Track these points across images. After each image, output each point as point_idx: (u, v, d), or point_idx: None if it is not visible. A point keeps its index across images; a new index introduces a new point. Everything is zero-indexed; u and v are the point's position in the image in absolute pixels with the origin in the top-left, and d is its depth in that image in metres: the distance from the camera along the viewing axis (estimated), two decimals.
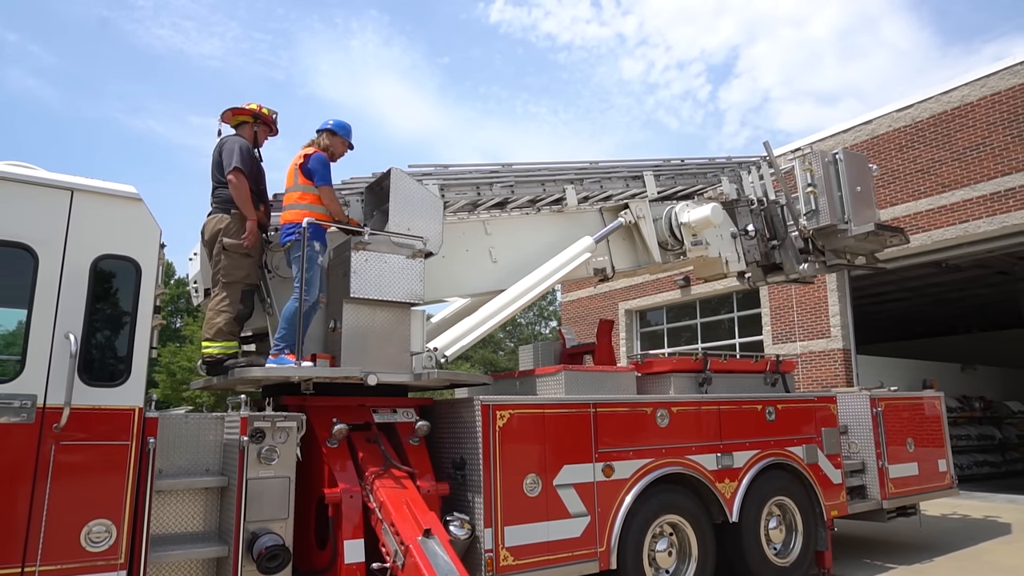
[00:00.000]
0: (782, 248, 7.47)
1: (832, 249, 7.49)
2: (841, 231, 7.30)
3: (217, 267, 4.79)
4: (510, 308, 5.90)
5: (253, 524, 4.09)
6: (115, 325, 3.73)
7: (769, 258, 7.54)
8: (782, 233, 7.48)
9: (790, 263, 7.44)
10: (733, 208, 7.46)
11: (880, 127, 13.44)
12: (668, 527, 5.76)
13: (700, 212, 6.68)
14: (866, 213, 7.38)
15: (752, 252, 7.39)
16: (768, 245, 7.53)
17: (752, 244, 7.39)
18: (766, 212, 7.62)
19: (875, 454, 7.59)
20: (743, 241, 7.34)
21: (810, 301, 14.43)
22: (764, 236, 7.53)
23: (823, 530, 6.78)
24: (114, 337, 3.71)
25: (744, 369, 6.97)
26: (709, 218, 6.61)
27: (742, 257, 7.33)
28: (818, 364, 14.14)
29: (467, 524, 4.64)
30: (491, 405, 4.87)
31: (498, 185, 6.26)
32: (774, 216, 7.59)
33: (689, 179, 7.30)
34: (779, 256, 7.49)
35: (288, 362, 4.55)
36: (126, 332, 3.72)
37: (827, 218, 7.24)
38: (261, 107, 5.15)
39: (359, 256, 4.91)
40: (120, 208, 3.80)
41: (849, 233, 7.26)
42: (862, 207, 7.35)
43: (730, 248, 7.26)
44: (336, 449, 4.62)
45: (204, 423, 4.30)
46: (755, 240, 7.39)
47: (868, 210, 7.46)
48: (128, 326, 3.73)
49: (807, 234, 7.41)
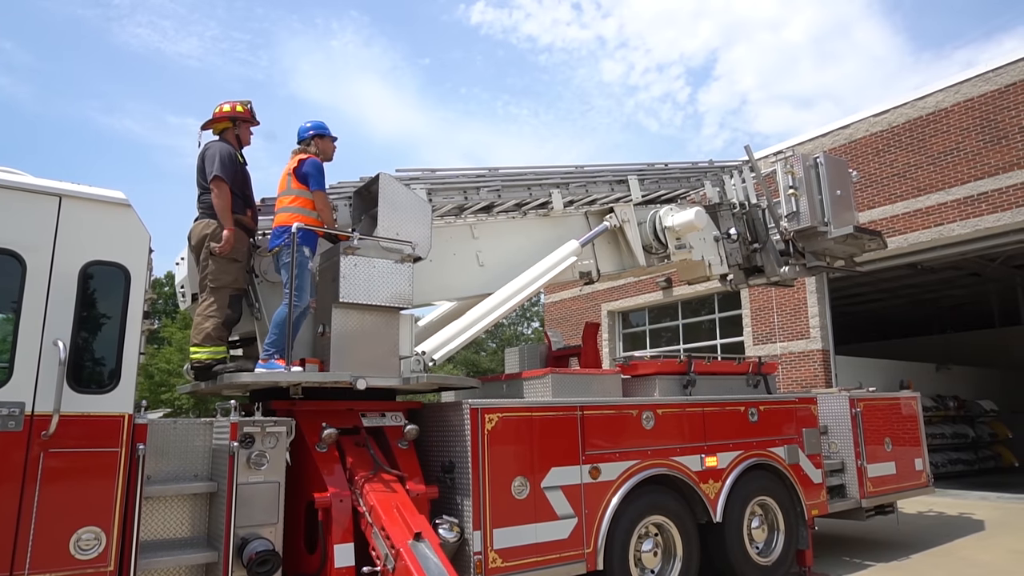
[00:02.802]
0: (763, 251, 7.60)
1: (812, 251, 7.62)
2: (821, 233, 7.43)
3: (205, 272, 4.78)
4: (497, 312, 5.94)
5: (243, 529, 4.10)
6: (104, 332, 3.71)
7: (751, 261, 7.66)
8: (763, 236, 7.61)
9: (771, 266, 7.56)
10: (716, 212, 7.57)
11: (858, 131, 13.69)
12: (653, 528, 5.84)
13: (684, 216, 6.77)
14: (845, 216, 7.53)
15: (734, 255, 7.51)
16: (750, 248, 7.66)
17: (734, 247, 7.51)
18: (748, 216, 7.74)
19: (854, 454, 7.74)
20: (725, 244, 7.45)
21: (790, 303, 14.65)
22: (746, 239, 7.66)
23: (804, 529, 6.90)
24: (103, 344, 3.69)
25: (727, 371, 7.08)
26: (693, 222, 6.71)
27: (724, 260, 7.45)
28: (798, 365, 14.36)
29: (456, 527, 4.67)
30: (479, 408, 4.91)
31: (485, 189, 6.30)
32: (756, 219, 7.71)
33: (672, 183, 7.40)
34: (760, 259, 7.62)
35: (278, 367, 4.56)
36: (115, 339, 3.70)
37: (807, 220, 7.37)
38: (235, 106, 5.12)
39: (348, 261, 4.91)
40: (109, 214, 3.79)
41: (829, 235, 7.40)
42: (842, 210, 7.50)
43: (713, 251, 7.36)
44: (325, 453, 4.63)
45: (193, 429, 4.30)
46: (737, 243, 7.51)
47: (847, 213, 7.61)
48: (117, 333, 3.72)
49: (788, 236, 7.54)
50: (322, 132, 5.21)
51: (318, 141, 5.18)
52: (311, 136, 5.18)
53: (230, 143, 5.04)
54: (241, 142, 5.16)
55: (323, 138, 5.21)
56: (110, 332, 3.70)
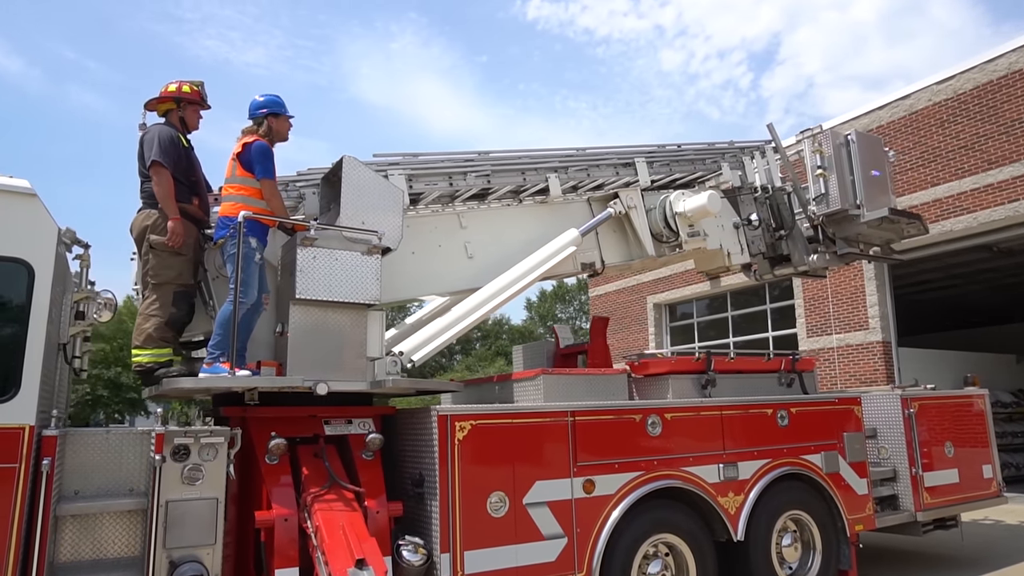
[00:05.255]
0: (790, 238, 6.84)
1: (843, 237, 6.81)
2: (853, 217, 6.63)
3: (146, 267, 4.42)
4: (485, 307, 5.41)
5: (176, 551, 3.72)
6: (1, 334, 3.36)
7: (776, 249, 6.92)
8: (789, 222, 6.86)
9: (799, 254, 6.80)
10: (736, 196, 6.85)
11: (919, 102, 12.44)
12: (664, 547, 5.20)
13: (696, 201, 6.07)
14: (880, 199, 6.70)
15: (757, 243, 6.77)
16: (775, 235, 6.91)
17: (756, 234, 6.77)
18: (772, 200, 6.99)
19: (908, 460, 6.84)
20: (747, 231, 6.73)
21: (846, 291, 13.52)
22: (770, 226, 6.92)
23: (846, 547, 6.10)
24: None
25: (753, 369, 6.32)
26: (706, 207, 6.00)
27: (746, 249, 6.73)
28: (856, 358, 13.23)
29: (422, 549, 4.18)
30: (449, 415, 4.39)
31: (473, 175, 5.76)
32: (780, 204, 6.96)
33: (686, 166, 6.69)
34: (787, 247, 6.86)
35: (223, 371, 4.15)
36: (14, 342, 3.35)
37: (837, 202, 6.59)
38: (182, 86, 4.72)
39: (306, 253, 4.47)
40: (10, 204, 3.44)
41: (861, 219, 6.58)
42: (876, 192, 6.66)
43: (732, 239, 6.65)
44: (276, 466, 4.20)
45: (128, 439, 3.93)
46: (759, 230, 6.77)
47: (883, 195, 6.77)
48: (17, 335, 3.36)
49: (816, 221, 6.76)
50: (277, 110, 4.73)
51: (271, 120, 4.70)
52: (264, 115, 4.71)
53: (174, 126, 4.66)
54: (188, 125, 4.77)
55: (277, 117, 4.73)
56: (8, 335, 3.35)
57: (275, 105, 4.72)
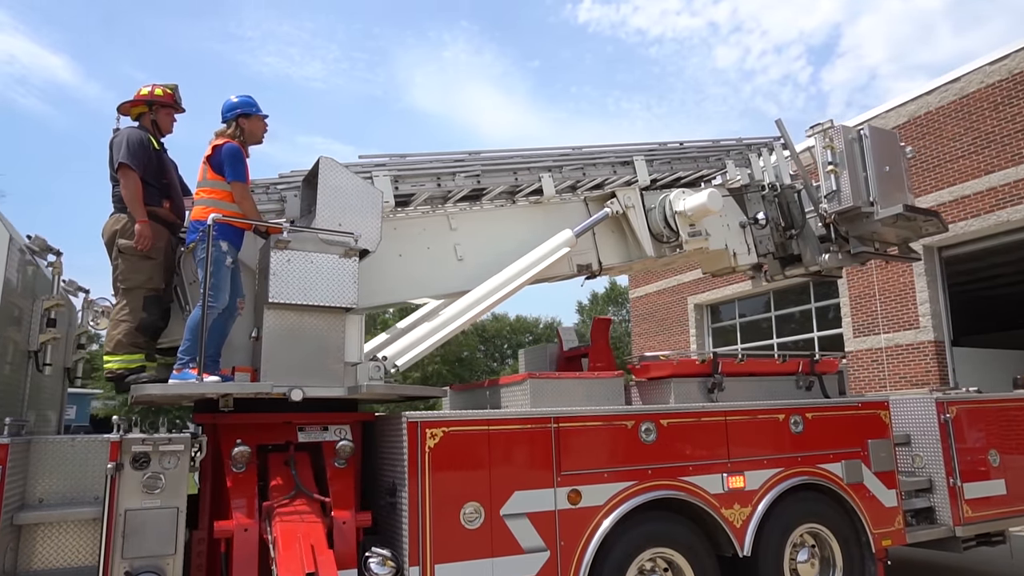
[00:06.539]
0: (800, 237, 6.46)
1: (857, 236, 6.40)
2: (866, 215, 6.22)
3: (116, 272, 4.41)
4: (474, 310, 5.24)
5: (138, 560, 3.67)
6: None
7: (786, 249, 6.54)
8: (799, 221, 6.48)
9: (810, 254, 6.41)
10: (742, 195, 6.49)
11: (970, 84, 11.63)
12: (663, 562, 4.90)
13: (696, 199, 5.75)
14: (896, 195, 6.27)
15: (765, 243, 6.40)
16: (785, 235, 6.52)
17: (764, 234, 6.41)
18: (781, 198, 6.61)
19: (945, 470, 6.31)
20: (754, 231, 6.37)
21: (894, 288, 12.75)
22: (779, 225, 6.53)
23: (872, 564, 5.65)
24: None
25: (766, 371, 5.94)
26: (706, 205, 5.67)
27: (753, 249, 6.37)
28: (906, 359, 12.45)
29: (390, 561, 4.02)
30: (419, 422, 4.23)
31: (462, 175, 5.59)
32: (790, 202, 6.59)
33: (689, 164, 6.37)
34: (797, 246, 6.48)
35: (191, 377, 4.10)
36: None
37: (849, 199, 6.19)
38: (154, 89, 4.71)
39: (280, 256, 4.39)
40: None
41: (875, 216, 6.16)
42: (891, 188, 6.23)
43: (738, 239, 6.31)
44: (242, 474, 4.13)
45: (92, 447, 3.91)
46: (767, 229, 6.39)
47: (898, 192, 6.33)
48: None
49: (828, 219, 6.39)
50: (248, 111, 4.66)
51: (243, 121, 4.63)
52: (236, 115, 4.64)
53: (147, 129, 4.66)
54: (160, 128, 4.77)
55: (249, 117, 4.66)
56: None
57: (246, 105, 4.66)
